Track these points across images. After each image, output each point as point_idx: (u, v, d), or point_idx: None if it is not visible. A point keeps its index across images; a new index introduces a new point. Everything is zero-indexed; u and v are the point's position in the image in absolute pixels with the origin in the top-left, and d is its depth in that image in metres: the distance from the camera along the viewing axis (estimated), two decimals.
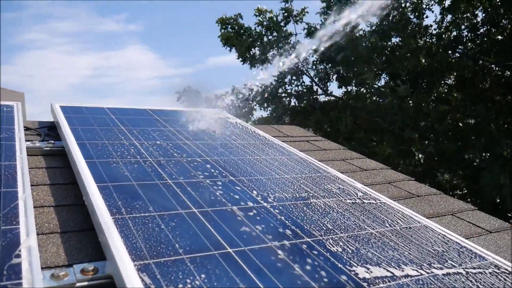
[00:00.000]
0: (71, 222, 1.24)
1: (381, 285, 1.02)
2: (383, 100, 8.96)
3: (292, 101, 10.61)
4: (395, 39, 9.31)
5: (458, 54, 8.82)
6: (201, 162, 1.72)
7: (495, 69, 8.66)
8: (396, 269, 1.11)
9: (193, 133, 2.16)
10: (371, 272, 1.07)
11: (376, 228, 1.35)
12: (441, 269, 1.15)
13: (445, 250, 1.28)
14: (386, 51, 9.13)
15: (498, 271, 1.20)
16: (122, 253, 0.96)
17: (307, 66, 10.14)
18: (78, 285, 0.93)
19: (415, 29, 8.85)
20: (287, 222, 1.29)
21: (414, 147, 7.86)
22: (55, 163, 1.68)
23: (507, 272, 1.21)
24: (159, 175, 1.49)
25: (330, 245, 1.18)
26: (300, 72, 10.12)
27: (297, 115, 10.27)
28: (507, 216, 7.26)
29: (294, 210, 1.38)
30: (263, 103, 10.39)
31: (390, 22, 8.87)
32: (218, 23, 10.75)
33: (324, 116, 9.73)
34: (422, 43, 8.66)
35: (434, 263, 1.18)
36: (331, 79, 10.35)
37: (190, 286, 0.89)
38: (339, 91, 10.96)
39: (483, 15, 8.55)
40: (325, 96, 10.60)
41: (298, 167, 1.89)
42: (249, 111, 10.54)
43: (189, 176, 1.54)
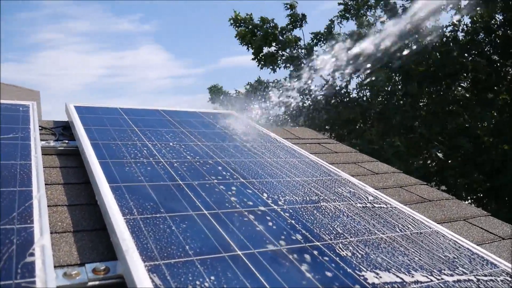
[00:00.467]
0: (83, 221, 1.26)
1: None
2: (392, 99, 8.90)
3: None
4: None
5: (473, 55, 8.71)
6: (212, 164, 1.73)
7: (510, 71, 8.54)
8: (406, 275, 1.10)
9: (204, 134, 2.18)
10: (381, 277, 1.07)
11: (386, 233, 1.35)
12: (451, 275, 1.14)
13: (456, 257, 1.27)
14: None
15: (510, 279, 1.19)
16: (133, 254, 0.97)
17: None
18: (89, 284, 0.94)
19: (429, 30, 8.76)
20: (297, 225, 1.29)
21: (429, 146, 7.79)
22: (69, 162, 1.71)
23: None
24: (171, 177, 1.51)
25: (340, 249, 1.18)
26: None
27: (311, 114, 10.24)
28: None
29: (304, 214, 1.39)
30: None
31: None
32: (231, 21, 10.78)
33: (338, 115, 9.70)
34: (436, 43, 8.57)
35: (445, 270, 1.17)
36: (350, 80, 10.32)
37: (199, 287, 0.89)
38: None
39: (503, 16, 8.42)
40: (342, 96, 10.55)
41: (309, 170, 1.89)
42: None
43: (200, 178, 1.55)
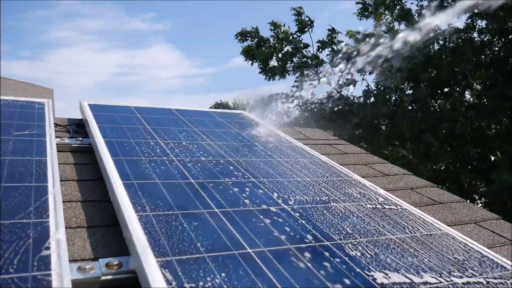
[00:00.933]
0: (97, 217, 1.29)
1: None
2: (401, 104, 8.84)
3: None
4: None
5: (486, 58, 8.62)
6: (224, 163, 1.75)
7: None
8: (415, 276, 1.10)
9: (216, 133, 2.20)
10: (390, 277, 1.07)
11: (396, 234, 1.35)
12: (461, 277, 1.14)
13: (465, 259, 1.27)
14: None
15: None
16: (145, 249, 0.99)
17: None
18: (103, 278, 0.97)
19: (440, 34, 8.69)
20: (307, 225, 1.30)
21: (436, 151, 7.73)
22: (82, 159, 1.74)
23: None
24: (183, 175, 1.53)
25: (349, 249, 1.19)
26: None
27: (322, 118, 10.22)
28: None
29: (314, 213, 1.40)
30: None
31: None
32: (237, 36, 10.70)
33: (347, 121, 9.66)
34: (448, 45, 8.50)
35: (454, 271, 1.17)
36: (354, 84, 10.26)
37: (210, 284, 0.91)
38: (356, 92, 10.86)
39: None
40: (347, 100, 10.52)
41: (319, 170, 1.90)
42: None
43: (212, 177, 1.57)
